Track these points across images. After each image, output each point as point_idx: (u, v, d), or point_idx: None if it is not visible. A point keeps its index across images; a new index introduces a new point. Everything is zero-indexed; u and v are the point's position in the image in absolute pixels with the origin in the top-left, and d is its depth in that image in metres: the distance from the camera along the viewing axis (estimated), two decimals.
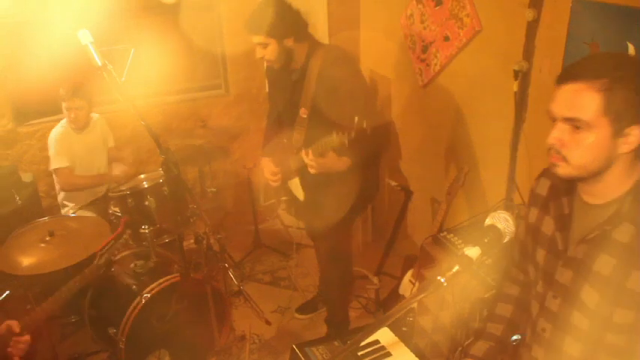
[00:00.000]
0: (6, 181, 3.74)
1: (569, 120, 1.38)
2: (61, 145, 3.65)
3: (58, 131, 3.69)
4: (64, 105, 3.60)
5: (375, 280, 3.87)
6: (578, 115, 1.35)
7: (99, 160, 3.87)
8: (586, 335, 1.50)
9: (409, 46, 3.69)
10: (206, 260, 3.08)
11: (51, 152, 3.67)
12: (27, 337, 2.25)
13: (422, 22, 3.47)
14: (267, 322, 3.69)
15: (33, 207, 3.79)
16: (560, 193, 1.58)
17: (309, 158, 2.72)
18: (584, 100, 1.34)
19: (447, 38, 3.26)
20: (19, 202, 3.67)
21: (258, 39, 2.82)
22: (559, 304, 1.56)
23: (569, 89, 1.37)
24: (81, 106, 3.60)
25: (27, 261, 2.78)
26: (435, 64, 3.42)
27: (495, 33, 2.91)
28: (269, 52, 2.84)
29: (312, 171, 2.77)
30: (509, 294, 1.88)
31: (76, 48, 2.25)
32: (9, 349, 2.21)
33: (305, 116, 2.96)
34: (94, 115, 3.85)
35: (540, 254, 1.64)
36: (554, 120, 1.43)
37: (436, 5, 3.30)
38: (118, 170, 3.71)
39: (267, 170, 3.12)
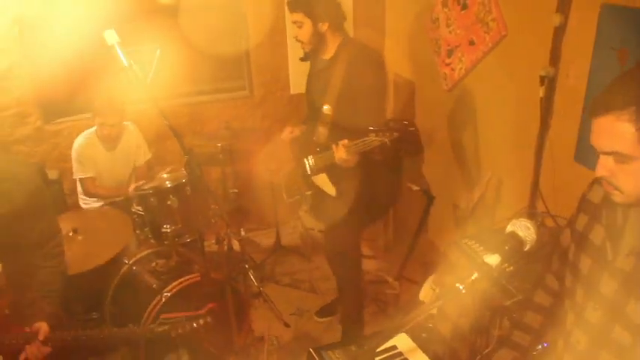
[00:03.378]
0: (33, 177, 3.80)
1: (609, 153, 1.33)
2: (84, 157, 3.70)
3: (81, 142, 3.72)
4: (97, 120, 3.64)
5: (396, 284, 3.84)
6: (616, 149, 1.30)
7: (123, 173, 3.90)
8: (627, 352, 1.43)
9: (434, 50, 3.66)
10: (226, 261, 3.09)
11: (74, 162, 3.72)
12: (48, 349, 2.25)
13: (447, 25, 3.45)
14: (286, 325, 3.69)
15: (58, 204, 3.85)
16: (616, 203, 1.51)
17: (345, 153, 2.70)
18: (617, 133, 1.28)
19: (472, 42, 3.23)
20: (49, 199, 3.72)
21: (295, 16, 2.88)
22: (599, 317, 1.49)
23: (601, 123, 1.32)
24: (114, 122, 3.64)
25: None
26: (460, 69, 3.40)
27: (521, 38, 2.88)
28: (302, 32, 2.90)
29: (344, 165, 2.77)
30: (541, 304, 1.82)
31: (103, 48, 2.28)
32: (25, 349, 2.21)
33: (329, 113, 2.98)
34: (128, 125, 3.88)
35: (585, 263, 1.57)
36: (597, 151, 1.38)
37: (462, 9, 3.27)
38: (132, 188, 3.73)
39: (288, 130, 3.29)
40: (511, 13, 2.92)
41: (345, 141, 2.69)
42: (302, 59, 3.23)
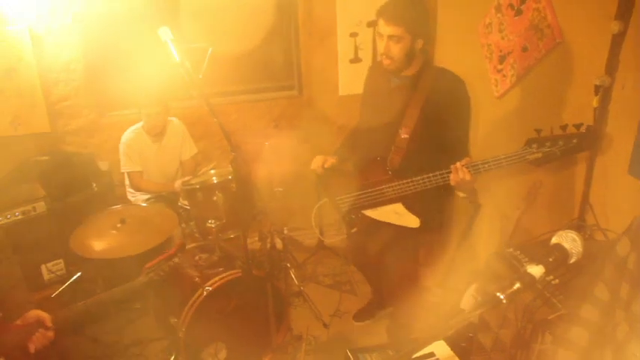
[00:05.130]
0: (85, 168, 3.94)
1: None
2: (132, 150, 3.80)
3: (129, 136, 3.83)
4: (143, 112, 3.74)
5: (438, 291, 3.80)
6: None
7: (169, 167, 3.98)
8: None
9: (486, 56, 3.61)
10: (269, 258, 3.12)
11: (122, 156, 3.83)
12: (52, 334, 2.28)
13: (500, 31, 3.39)
14: (325, 325, 3.70)
15: (107, 195, 3.98)
16: None
17: (469, 175, 2.48)
18: None
19: (525, 49, 3.17)
20: (96, 189, 3.86)
21: (394, 30, 2.59)
22: None
23: None
24: (158, 111, 3.73)
25: (99, 245, 2.91)
26: (512, 75, 3.34)
27: (577, 45, 2.81)
28: (399, 47, 2.63)
29: (459, 187, 2.58)
30: (588, 319, 1.77)
31: (157, 45, 2.34)
32: (31, 340, 2.24)
33: (406, 136, 2.76)
34: (173, 120, 3.97)
35: None
36: None
37: (516, 15, 3.22)
38: (178, 183, 3.81)
39: (321, 160, 2.96)
40: (567, 19, 2.85)
41: (467, 160, 2.49)
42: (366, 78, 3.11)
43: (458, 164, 2.47)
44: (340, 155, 3.09)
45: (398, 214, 2.84)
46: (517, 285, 1.32)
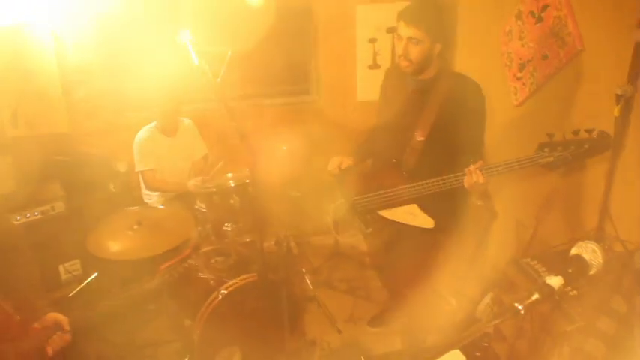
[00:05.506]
0: (103, 169, 3.97)
1: None
2: (145, 148, 3.84)
3: (143, 135, 3.87)
4: (155, 108, 3.78)
5: (453, 300, 3.78)
6: None
7: (182, 166, 4.01)
8: None
9: (505, 63, 3.59)
10: (284, 263, 3.12)
11: (135, 155, 3.86)
12: (69, 337, 2.29)
13: (520, 39, 3.37)
14: (339, 331, 3.69)
15: (125, 196, 4.01)
16: None
17: (482, 177, 2.46)
18: None
19: (545, 57, 3.14)
20: (113, 189, 3.89)
21: (414, 32, 2.58)
22: None
23: None
24: (170, 108, 3.79)
25: (115, 246, 2.93)
26: (532, 83, 3.31)
27: (598, 54, 2.78)
28: (418, 50, 2.62)
29: (472, 190, 2.55)
30: (605, 331, 1.76)
31: (176, 48, 2.36)
32: (49, 343, 2.24)
33: (421, 139, 2.77)
34: (185, 120, 4.01)
35: None
36: None
37: (536, 22, 3.20)
38: (192, 183, 3.82)
39: (338, 162, 2.98)
40: (588, 27, 2.82)
41: (480, 163, 2.48)
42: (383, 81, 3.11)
43: (472, 167, 2.47)
44: (357, 157, 3.10)
45: (413, 215, 2.85)
46: (535, 295, 1.30)
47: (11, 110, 3.93)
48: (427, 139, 2.76)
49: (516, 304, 1.30)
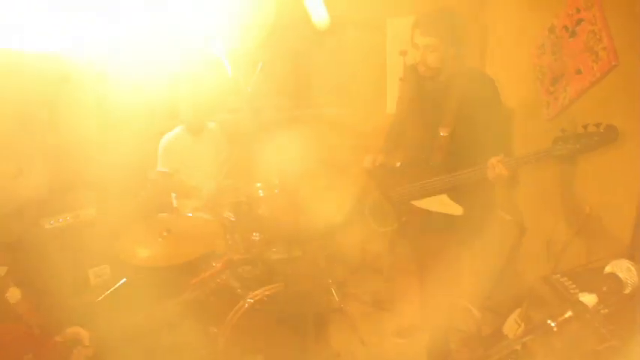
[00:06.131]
0: (133, 175, 4.02)
1: None
2: (169, 149, 3.92)
3: (168, 138, 3.98)
4: (184, 110, 3.85)
5: (478, 314, 3.73)
6: None
7: (206, 169, 4.06)
8: None
9: (537, 77, 3.56)
10: (311, 274, 3.13)
11: (159, 156, 3.96)
12: (90, 352, 2.31)
13: (553, 53, 3.34)
14: (363, 343, 3.67)
15: (155, 202, 4.05)
16: None
17: (505, 169, 2.63)
18: None
19: (579, 71, 3.11)
20: (143, 196, 3.94)
21: (429, 40, 2.80)
22: None
23: None
24: (199, 111, 3.85)
25: (144, 253, 2.97)
26: (564, 98, 3.28)
27: (634, 68, 2.74)
28: (434, 56, 2.82)
29: (496, 181, 2.71)
30: (637, 351, 1.72)
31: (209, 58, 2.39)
32: (70, 358, 2.26)
33: (445, 135, 2.93)
34: (211, 124, 4.07)
35: None
36: None
37: (570, 37, 3.16)
38: (207, 189, 3.86)
39: (372, 158, 3.18)
40: (624, 42, 2.78)
41: (502, 156, 2.64)
42: (401, 79, 3.23)
43: (493, 159, 2.63)
44: (386, 153, 3.28)
45: (443, 203, 3.02)
46: (569, 313, 1.29)
47: (45, 118, 4.02)
48: (451, 134, 2.91)
49: (549, 322, 1.29)
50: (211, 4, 3.88)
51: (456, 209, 3.00)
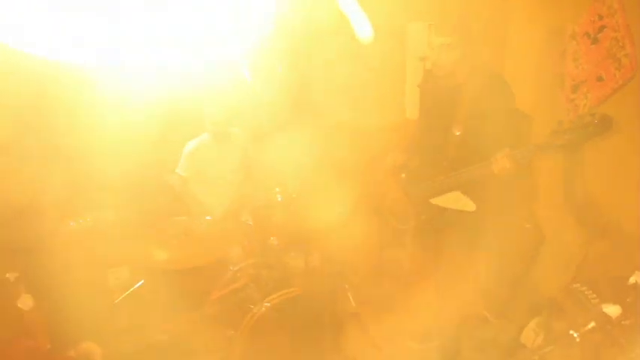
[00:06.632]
0: (153, 178, 4.06)
1: None
2: (192, 156, 3.96)
3: (193, 144, 4.01)
4: (208, 118, 3.88)
5: (495, 322, 3.70)
6: None
7: (229, 177, 4.08)
8: None
9: (557, 84, 3.53)
10: (327, 278, 3.13)
11: (182, 160, 4.00)
12: None
13: (574, 59, 3.32)
14: (379, 348, 3.65)
15: (174, 205, 4.08)
16: None
17: (509, 162, 2.77)
18: None
19: (600, 79, 3.08)
20: (162, 199, 3.97)
21: (443, 40, 2.90)
22: None
23: None
24: (223, 118, 3.88)
25: (161, 255, 3.00)
26: (585, 105, 3.25)
27: None
28: (449, 56, 2.93)
29: (503, 175, 2.82)
30: None
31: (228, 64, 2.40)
32: None
33: (459, 133, 3.03)
34: (235, 130, 4.09)
35: None
36: None
37: (592, 43, 3.14)
38: (220, 208, 3.87)
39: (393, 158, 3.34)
40: None
41: (507, 150, 2.76)
42: (419, 85, 3.25)
43: (498, 154, 2.78)
44: (406, 153, 3.44)
45: (457, 200, 3.17)
46: (592, 324, 1.27)
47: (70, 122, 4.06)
48: (463, 133, 3.03)
49: (572, 332, 1.27)
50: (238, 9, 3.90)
51: (469, 205, 3.14)
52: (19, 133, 3.66)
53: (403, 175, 3.41)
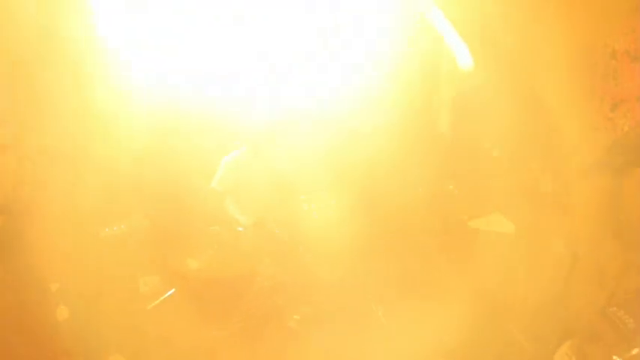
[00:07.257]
0: (187, 187, 4.08)
1: None
2: (228, 167, 3.96)
3: (231, 155, 4.01)
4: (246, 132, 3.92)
5: (526, 344, 3.64)
6: None
7: (259, 189, 4.09)
8: None
9: (594, 102, 3.48)
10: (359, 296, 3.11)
11: (219, 171, 4.01)
12: None
13: (614, 78, 3.26)
14: None
15: (208, 214, 4.09)
16: None
17: None
18: None
19: None
20: (197, 208, 3.99)
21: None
22: None
23: None
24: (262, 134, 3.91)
25: (193, 264, 3.01)
26: (624, 125, 3.19)
27: None
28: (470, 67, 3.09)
29: None
30: None
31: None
32: None
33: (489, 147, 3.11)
34: (272, 142, 4.11)
35: None
36: None
37: (632, 62, 3.09)
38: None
39: None
40: None
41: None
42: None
43: None
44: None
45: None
46: (635, 350, 1.24)
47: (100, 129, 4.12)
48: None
49: (615, 357, 1.25)
50: None
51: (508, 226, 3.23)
52: (55, 138, 3.73)
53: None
